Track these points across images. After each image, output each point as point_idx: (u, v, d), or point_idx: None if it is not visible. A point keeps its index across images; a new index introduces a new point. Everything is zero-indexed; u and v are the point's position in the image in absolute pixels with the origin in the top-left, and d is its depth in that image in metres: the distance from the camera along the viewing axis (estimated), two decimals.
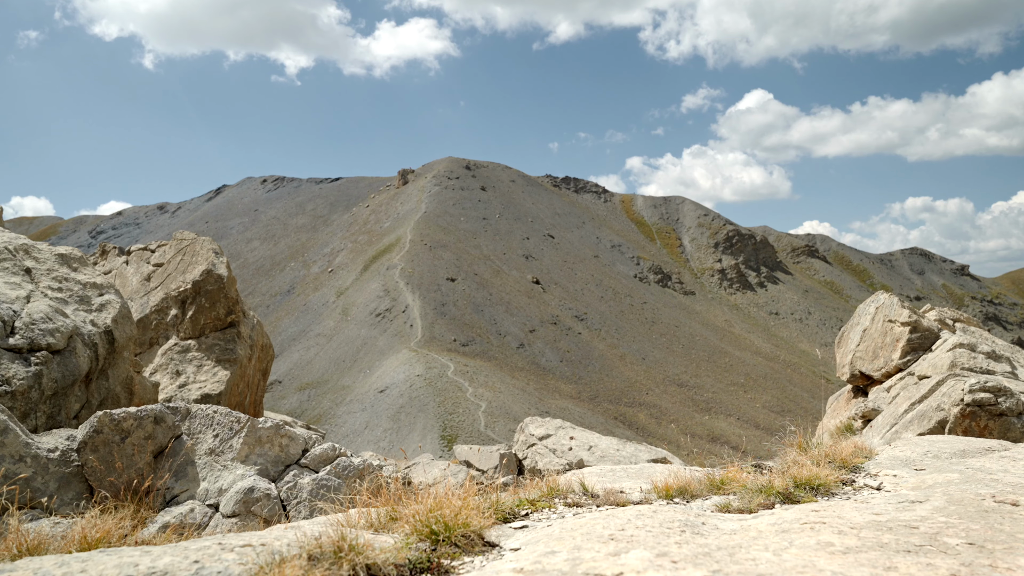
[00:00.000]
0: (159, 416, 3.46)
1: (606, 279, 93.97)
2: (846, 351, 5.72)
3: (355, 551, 1.43)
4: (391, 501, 1.84)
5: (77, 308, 4.62)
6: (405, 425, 43.51)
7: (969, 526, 1.52)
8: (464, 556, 1.51)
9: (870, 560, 1.33)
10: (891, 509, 1.69)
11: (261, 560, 1.39)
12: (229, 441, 3.53)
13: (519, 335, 69.39)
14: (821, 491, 2.03)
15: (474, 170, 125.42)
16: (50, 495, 3.13)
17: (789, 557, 1.36)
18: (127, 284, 8.55)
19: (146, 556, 1.39)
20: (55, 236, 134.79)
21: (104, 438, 3.32)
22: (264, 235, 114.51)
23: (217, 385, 7.36)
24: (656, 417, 58.79)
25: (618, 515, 1.66)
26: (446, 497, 1.73)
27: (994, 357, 4.16)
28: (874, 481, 2.14)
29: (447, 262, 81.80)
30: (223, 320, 8.05)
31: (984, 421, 3.38)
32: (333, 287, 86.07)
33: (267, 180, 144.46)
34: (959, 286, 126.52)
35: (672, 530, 1.54)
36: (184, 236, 8.94)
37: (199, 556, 1.40)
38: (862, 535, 1.47)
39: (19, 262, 4.64)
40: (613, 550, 1.40)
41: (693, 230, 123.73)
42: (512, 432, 36.26)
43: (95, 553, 1.42)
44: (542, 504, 1.95)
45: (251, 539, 1.54)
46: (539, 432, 6.76)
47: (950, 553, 1.37)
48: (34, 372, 3.82)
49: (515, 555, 1.47)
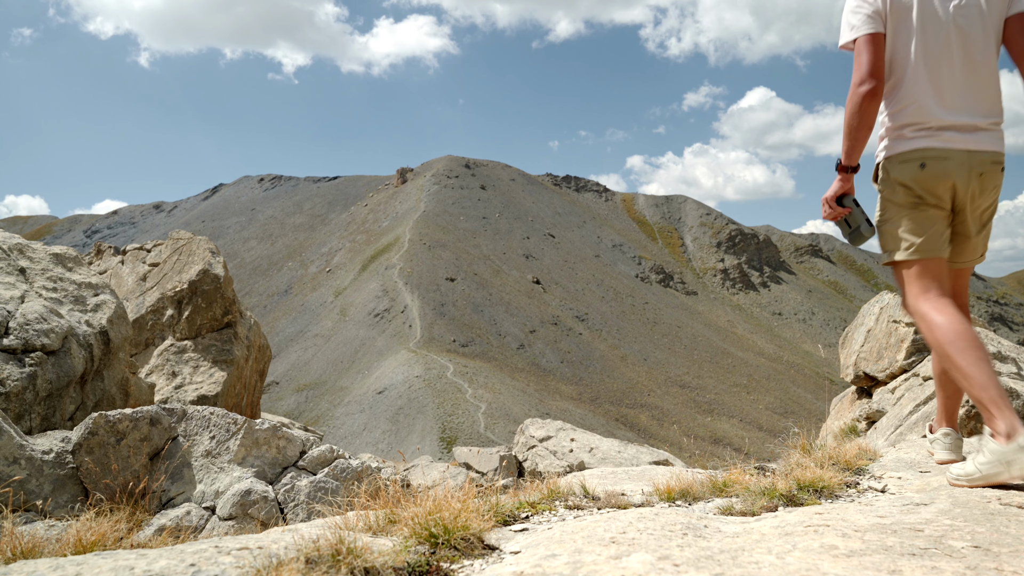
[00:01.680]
0: (155, 418, 3.44)
1: (607, 279, 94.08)
2: (850, 352, 5.69)
3: (353, 554, 1.41)
4: (390, 504, 1.82)
5: (72, 308, 4.59)
6: (404, 427, 43.49)
7: (975, 529, 1.50)
8: (464, 559, 1.49)
9: (874, 563, 1.31)
10: (895, 512, 1.68)
11: (258, 563, 1.37)
12: (226, 443, 3.50)
13: (519, 335, 69.44)
14: (825, 493, 2.01)
15: (473, 169, 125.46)
16: (45, 497, 3.11)
17: (792, 560, 1.35)
18: (122, 284, 8.53)
19: (142, 559, 1.37)
20: (50, 235, 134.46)
21: (99, 440, 3.30)
22: (261, 234, 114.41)
23: (214, 386, 7.34)
24: (658, 419, 58.84)
25: (619, 518, 1.65)
26: (445, 499, 1.71)
27: (1000, 358, 4.14)
28: (878, 483, 2.12)
29: (446, 262, 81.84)
30: (220, 320, 8.03)
31: None
32: (331, 287, 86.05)
33: (264, 179, 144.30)
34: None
35: (674, 533, 1.52)
36: (180, 235, 8.92)
37: (195, 559, 1.38)
38: (866, 538, 1.46)
39: (13, 262, 4.62)
40: (614, 553, 1.38)
41: (695, 229, 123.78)
42: (512, 434, 36.23)
43: (90, 556, 1.40)
44: (542, 506, 1.93)
45: (248, 542, 1.52)
46: (539, 434, 6.75)
47: (955, 556, 1.35)
48: (28, 373, 3.80)
49: (515, 558, 1.45)
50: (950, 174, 2.03)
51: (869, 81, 2.02)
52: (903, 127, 2.09)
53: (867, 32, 2.05)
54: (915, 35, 2.05)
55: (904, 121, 2.08)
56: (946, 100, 2.05)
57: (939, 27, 2.04)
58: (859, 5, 2.10)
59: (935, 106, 2.05)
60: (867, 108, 2.03)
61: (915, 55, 2.05)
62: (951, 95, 2.05)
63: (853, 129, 2.06)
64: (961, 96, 2.05)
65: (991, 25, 2.06)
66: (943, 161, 2.03)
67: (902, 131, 2.09)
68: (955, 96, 2.05)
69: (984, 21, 2.05)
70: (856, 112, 2.04)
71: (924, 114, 2.05)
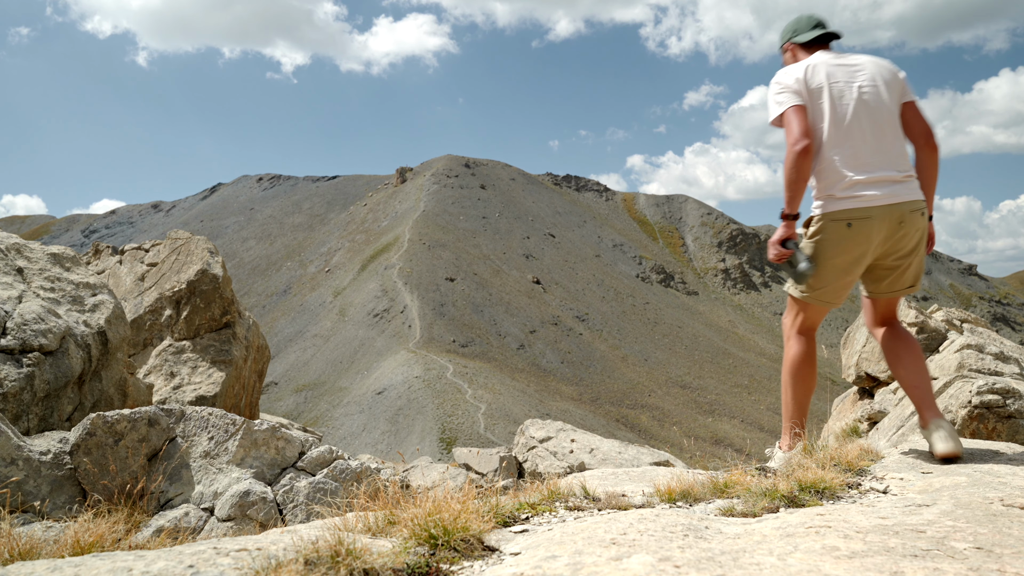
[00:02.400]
0: (153, 418, 3.43)
1: (608, 279, 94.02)
2: (852, 352, 5.68)
3: (353, 555, 1.40)
4: (389, 505, 1.81)
5: (70, 308, 4.58)
6: (403, 427, 43.44)
7: (977, 530, 1.49)
8: (463, 560, 1.48)
9: (876, 565, 1.31)
10: (897, 513, 1.67)
11: (257, 565, 1.36)
12: (224, 444, 3.49)
13: (519, 336, 69.39)
14: (826, 494, 2.00)
15: (473, 168, 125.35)
16: (42, 498, 3.10)
17: (794, 562, 1.34)
18: (121, 284, 8.51)
19: (140, 560, 1.36)
20: (47, 235, 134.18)
21: (97, 441, 3.28)
22: (260, 234, 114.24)
23: (212, 387, 7.33)
24: (658, 419, 58.77)
25: (620, 519, 1.64)
26: (445, 501, 1.70)
27: (1002, 358, 4.14)
28: (880, 484, 2.11)
29: (446, 262, 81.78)
30: (218, 321, 8.02)
31: (992, 423, 3.37)
32: (330, 287, 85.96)
33: (263, 178, 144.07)
34: (967, 286, 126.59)
35: (675, 534, 1.51)
36: (179, 235, 8.90)
37: (194, 560, 1.37)
38: (868, 539, 1.45)
39: (11, 262, 4.60)
40: (615, 554, 1.38)
41: (696, 229, 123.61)
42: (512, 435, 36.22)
43: (88, 558, 1.39)
44: (543, 508, 1.92)
45: (247, 543, 1.51)
46: (539, 434, 6.73)
47: (957, 557, 1.35)
48: (26, 374, 3.79)
49: (515, 559, 1.45)
50: (873, 229, 2.37)
51: (802, 140, 2.37)
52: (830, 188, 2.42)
53: (792, 104, 2.45)
54: (828, 111, 2.43)
55: (829, 181, 2.42)
56: (861, 161, 2.39)
57: (848, 102, 2.43)
58: (782, 87, 2.50)
59: (853, 168, 2.39)
60: (803, 163, 2.38)
61: (829, 127, 2.42)
62: (865, 156, 2.39)
63: (792, 182, 2.40)
64: (874, 155, 2.40)
65: (892, 102, 2.47)
66: (867, 220, 2.36)
67: (830, 192, 2.42)
68: (869, 157, 2.39)
69: (885, 99, 2.45)
70: (793, 167, 2.38)
71: (844, 176, 2.39)
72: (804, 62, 2.54)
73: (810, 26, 2.69)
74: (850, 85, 2.44)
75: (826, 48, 2.65)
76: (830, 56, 2.55)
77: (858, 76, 2.47)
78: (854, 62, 2.52)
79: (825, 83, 2.45)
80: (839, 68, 2.48)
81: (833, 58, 2.53)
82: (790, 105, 2.44)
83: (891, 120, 2.45)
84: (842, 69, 2.48)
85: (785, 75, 2.51)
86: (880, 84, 2.46)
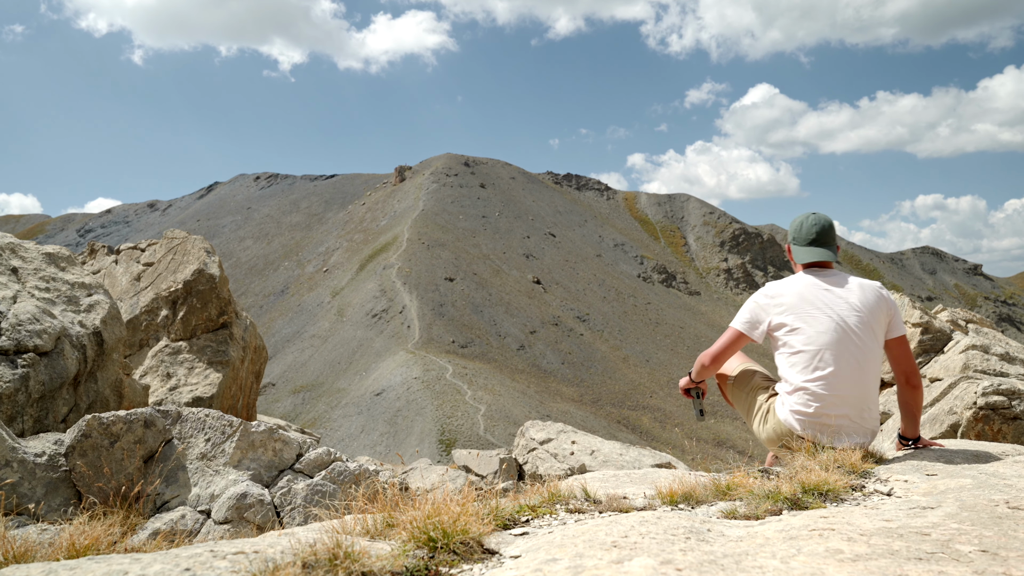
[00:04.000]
0: (149, 420, 3.40)
1: (609, 279, 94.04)
2: None
3: (351, 558, 1.38)
4: (388, 507, 1.79)
5: (65, 309, 4.55)
6: (402, 429, 43.39)
7: (982, 533, 1.48)
8: (463, 563, 1.47)
9: (880, 568, 1.29)
10: (902, 515, 1.66)
11: (254, 568, 1.34)
12: (221, 445, 3.47)
13: (519, 336, 69.39)
14: (830, 497, 1.99)
15: (473, 167, 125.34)
16: (37, 501, 3.07)
17: (797, 565, 1.33)
18: (116, 284, 8.48)
19: (136, 563, 1.35)
20: (42, 235, 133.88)
21: (93, 442, 3.26)
22: (257, 234, 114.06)
23: (209, 388, 7.30)
24: (660, 421, 58.75)
25: (621, 521, 1.62)
26: (444, 503, 1.68)
27: (1008, 359, 4.14)
28: (884, 486, 2.10)
29: (445, 261, 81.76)
30: (215, 321, 7.99)
31: (997, 425, 3.36)
32: (328, 287, 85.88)
33: (260, 177, 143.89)
34: (972, 286, 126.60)
35: (677, 537, 1.49)
36: (175, 235, 8.87)
37: (190, 563, 1.35)
38: (872, 542, 1.43)
39: (5, 261, 4.58)
40: (616, 557, 1.36)
41: (698, 228, 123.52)
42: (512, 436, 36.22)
43: (83, 560, 1.37)
44: (543, 510, 1.90)
45: (244, 546, 1.50)
46: (540, 436, 6.71)
47: (962, 560, 1.33)
48: (21, 375, 3.76)
49: (515, 562, 1.43)
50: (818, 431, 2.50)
51: (712, 363, 2.74)
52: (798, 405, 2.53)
53: (738, 329, 2.64)
54: (811, 332, 2.49)
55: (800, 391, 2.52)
56: (830, 394, 2.45)
57: (823, 331, 2.48)
58: (753, 308, 2.64)
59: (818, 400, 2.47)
60: (705, 373, 2.82)
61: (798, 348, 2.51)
62: (836, 386, 2.45)
63: (698, 371, 2.83)
64: (844, 387, 2.45)
65: (876, 335, 2.51)
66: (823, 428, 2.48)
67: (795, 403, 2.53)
68: (839, 387, 2.45)
69: (870, 331, 2.48)
70: (699, 371, 2.82)
71: (813, 400, 2.48)
72: (793, 282, 2.61)
73: (808, 239, 2.71)
74: (837, 307, 2.49)
75: (825, 266, 2.67)
76: (819, 279, 2.58)
77: (838, 305, 2.49)
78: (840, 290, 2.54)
79: (800, 308, 2.52)
80: (825, 293, 2.53)
81: (821, 281, 2.57)
82: (737, 327, 2.65)
83: (873, 354, 2.49)
84: (827, 294, 2.53)
85: (766, 293, 2.64)
86: (863, 315, 2.48)
